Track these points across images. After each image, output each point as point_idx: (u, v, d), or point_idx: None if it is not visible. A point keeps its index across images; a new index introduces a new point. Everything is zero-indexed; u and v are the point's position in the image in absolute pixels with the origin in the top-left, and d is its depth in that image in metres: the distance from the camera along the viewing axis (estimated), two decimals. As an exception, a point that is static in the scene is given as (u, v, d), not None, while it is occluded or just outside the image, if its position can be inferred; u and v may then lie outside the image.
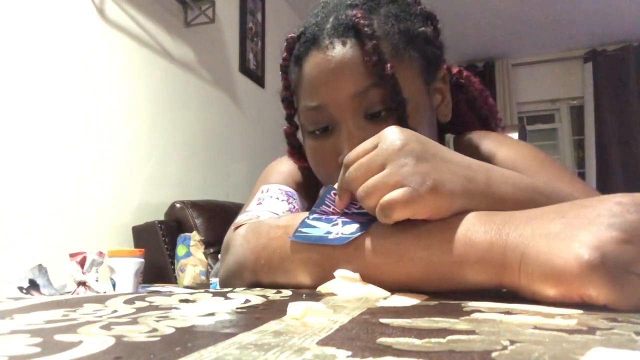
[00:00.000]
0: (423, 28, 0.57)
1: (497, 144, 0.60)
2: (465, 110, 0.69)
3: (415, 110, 0.54)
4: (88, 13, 1.57)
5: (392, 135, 0.39)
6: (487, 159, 0.58)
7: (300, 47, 0.58)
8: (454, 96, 0.66)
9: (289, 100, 0.62)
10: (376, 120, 0.53)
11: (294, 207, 0.59)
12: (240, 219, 0.55)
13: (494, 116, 0.70)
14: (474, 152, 0.61)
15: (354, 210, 0.42)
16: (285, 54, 0.60)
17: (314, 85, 0.55)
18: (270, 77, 2.79)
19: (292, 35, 0.59)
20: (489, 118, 0.70)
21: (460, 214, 0.37)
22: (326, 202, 0.43)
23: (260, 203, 0.58)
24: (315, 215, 0.44)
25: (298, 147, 0.65)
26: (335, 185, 0.43)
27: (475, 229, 0.35)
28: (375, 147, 0.39)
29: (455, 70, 0.69)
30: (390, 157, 0.38)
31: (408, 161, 0.37)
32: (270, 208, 0.56)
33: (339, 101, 0.53)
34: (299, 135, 0.65)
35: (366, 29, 0.52)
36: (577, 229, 0.30)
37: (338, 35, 0.54)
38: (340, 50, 0.53)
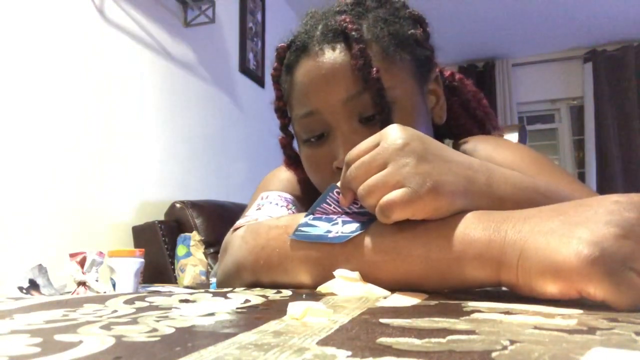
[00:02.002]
0: (412, 30, 0.57)
1: (496, 148, 0.60)
2: (460, 112, 0.69)
3: (409, 112, 0.54)
4: (88, 13, 1.57)
5: (393, 134, 0.39)
6: None
7: (290, 55, 0.58)
8: (448, 99, 0.67)
9: (283, 110, 0.62)
10: (370, 124, 0.53)
11: (293, 212, 0.59)
12: (239, 223, 0.55)
13: (489, 118, 0.71)
14: (474, 155, 0.61)
15: (355, 209, 0.42)
16: (276, 64, 0.61)
17: (306, 92, 0.55)
18: (270, 77, 2.78)
19: (282, 44, 0.60)
20: (484, 119, 0.70)
21: (459, 213, 0.37)
22: (327, 200, 0.43)
23: (259, 208, 0.58)
24: (315, 215, 0.44)
25: (295, 157, 0.65)
26: (338, 184, 0.43)
27: (473, 226, 0.35)
28: (377, 145, 0.39)
29: (447, 73, 0.69)
30: (391, 156, 0.38)
31: (409, 161, 0.37)
32: (269, 213, 0.56)
33: (331, 106, 0.53)
34: (295, 146, 0.65)
35: (354, 33, 0.52)
36: (575, 226, 0.31)
37: (327, 41, 0.54)
38: (330, 55, 0.53)
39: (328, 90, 0.53)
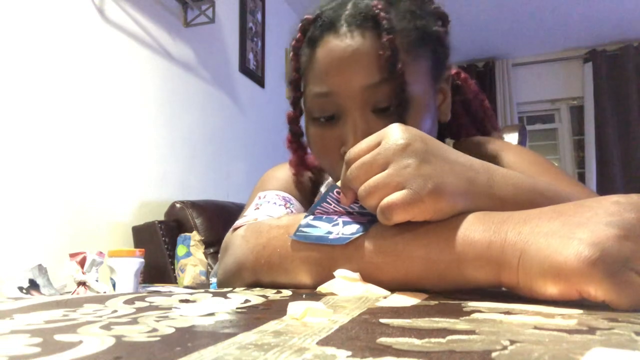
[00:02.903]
0: (437, 28, 0.57)
1: (498, 150, 0.60)
2: (460, 111, 0.70)
3: (422, 109, 0.54)
4: (88, 13, 1.57)
5: (395, 134, 0.38)
6: None
7: (315, 30, 0.56)
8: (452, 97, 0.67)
9: (297, 83, 0.60)
10: (383, 115, 0.53)
11: (292, 211, 0.59)
12: (238, 222, 0.55)
13: (489, 119, 0.70)
14: (475, 156, 0.61)
15: (356, 209, 0.42)
16: (299, 34, 0.58)
17: (326, 71, 0.54)
18: (270, 77, 2.79)
19: (308, 16, 0.58)
20: (484, 120, 0.70)
21: (459, 215, 0.37)
22: (328, 200, 0.43)
23: (257, 208, 0.58)
24: (316, 215, 0.44)
25: (299, 134, 0.64)
26: (338, 184, 0.43)
27: (473, 227, 0.35)
28: (378, 144, 0.39)
29: (453, 71, 0.69)
30: (393, 156, 0.37)
31: (411, 162, 0.37)
32: (268, 212, 0.56)
33: (349, 91, 0.53)
34: (302, 124, 0.64)
35: (385, 21, 0.51)
36: (575, 227, 0.31)
37: (356, 24, 0.53)
38: (357, 39, 0.52)
39: (349, 74, 0.52)
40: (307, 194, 0.68)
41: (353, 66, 0.52)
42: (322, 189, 0.70)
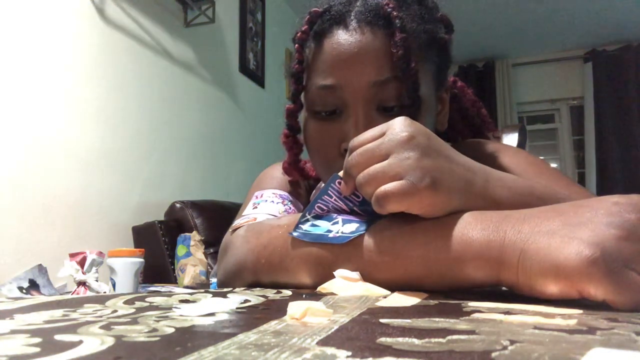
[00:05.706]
0: (443, 35, 0.57)
1: (495, 151, 0.61)
2: (457, 119, 0.69)
3: (426, 113, 0.54)
4: (88, 13, 1.57)
5: (400, 126, 0.39)
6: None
7: (323, 23, 0.55)
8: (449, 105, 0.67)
9: (299, 76, 0.58)
10: (387, 115, 0.52)
11: (290, 208, 0.59)
12: (237, 222, 0.54)
13: (487, 126, 0.70)
14: (472, 158, 0.61)
15: (356, 202, 0.42)
16: (305, 27, 0.57)
17: (333, 63, 0.53)
18: (270, 77, 2.79)
19: (316, 9, 0.57)
20: (481, 128, 0.70)
21: (456, 214, 0.37)
22: (329, 192, 0.43)
23: (256, 207, 0.57)
24: (315, 212, 0.44)
25: (296, 130, 0.64)
26: (340, 173, 0.42)
27: (471, 226, 0.35)
28: (382, 135, 0.39)
29: (450, 79, 0.69)
30: (395, 147, 0.38)
31: (412, 154, 0.37)
32: (266, 210, 0.56)
33: (355, 85, 0.52)
34: (299, 120, 0.63)
35: (398, 20, 0.51)
36: (576, 227, 0.31)
37: (367, 20, 0.52)
38: (367, 35, 0.52)
39: (357, 68, 0.52)
40: (303, 194, 0.68)
41: (362, 61, 0.52)
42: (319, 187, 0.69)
